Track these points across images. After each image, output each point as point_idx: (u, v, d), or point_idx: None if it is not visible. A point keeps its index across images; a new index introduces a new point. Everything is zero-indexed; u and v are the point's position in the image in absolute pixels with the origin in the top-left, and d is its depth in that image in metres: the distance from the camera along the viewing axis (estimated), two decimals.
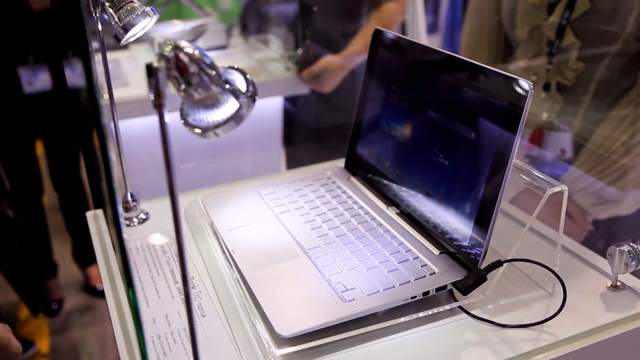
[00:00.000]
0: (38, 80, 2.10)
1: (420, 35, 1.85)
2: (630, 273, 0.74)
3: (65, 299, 2.43)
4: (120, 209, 0.95)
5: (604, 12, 1.04)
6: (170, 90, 0.46)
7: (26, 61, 2.07)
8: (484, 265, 0.71)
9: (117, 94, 0.96)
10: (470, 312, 0.72)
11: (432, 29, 3.04)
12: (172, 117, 0.45)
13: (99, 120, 0.43)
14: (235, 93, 0.51)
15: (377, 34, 0.92)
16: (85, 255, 2.46)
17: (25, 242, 2.27)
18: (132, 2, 0.80)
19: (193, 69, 0.48)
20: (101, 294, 2.44)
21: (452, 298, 0.74)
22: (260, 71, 1.84)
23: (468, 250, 0.73)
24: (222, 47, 1.97)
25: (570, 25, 1.07)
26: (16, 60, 2.06)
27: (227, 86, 0.51)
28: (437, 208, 0.78)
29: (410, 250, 0.78)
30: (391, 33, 0.89)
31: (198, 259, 0.85)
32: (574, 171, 1.11)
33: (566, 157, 1.14)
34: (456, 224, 0.75)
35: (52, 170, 2.34)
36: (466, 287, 0.70)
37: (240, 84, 0.53)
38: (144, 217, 0.95)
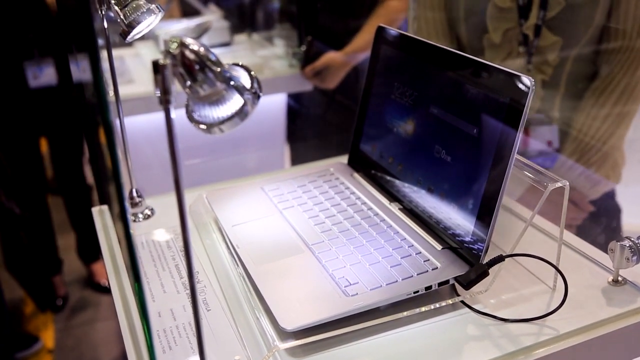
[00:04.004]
0: (43, 75, 2.09)
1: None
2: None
3: (70, 294, 2.45)
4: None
5: (576, 6, 1.08)
6: (176, 87, 0.46)
7: (32, 55, 2.07)
8: (486, 260, 0.71)
9: (122, 91, 0.97)
10: (472, 306, 0.72)
11: None
12: (177, 114, 0.46)
13: (106, 116, 0.44)
14: (240, 89, 0.52)
15: (380, 31, 0.92)
16: (89, 251, 2.48)
17: (31, 238, 2.28)
18: None
19: (198, 65, 0.49)
20: (105, 290, 2.45)
21: (455, 293, 0.75)
22: (264, 68, 1.84)
23: (470, 246, 0.73)
24: (226, 44, 1.98)
25: (545, 24, 1.10)
26: (22, 55, 2.06)
27: (232, 83, 0.52)
28: (440, 204, 0.79)
29: (413, 245, 0.79)
30: (394, 30, 0.90)
31: (202, 254, 0.85)
32: (564, 160, 1.17)
33: (553, 149, 1.20)
34: (458, 219, 0.75)
35: (56, 167, 2.35)
36: (468, 281, 0.70)
37: (245, 81, 0.53)
38: (149, 213, 0.96)
